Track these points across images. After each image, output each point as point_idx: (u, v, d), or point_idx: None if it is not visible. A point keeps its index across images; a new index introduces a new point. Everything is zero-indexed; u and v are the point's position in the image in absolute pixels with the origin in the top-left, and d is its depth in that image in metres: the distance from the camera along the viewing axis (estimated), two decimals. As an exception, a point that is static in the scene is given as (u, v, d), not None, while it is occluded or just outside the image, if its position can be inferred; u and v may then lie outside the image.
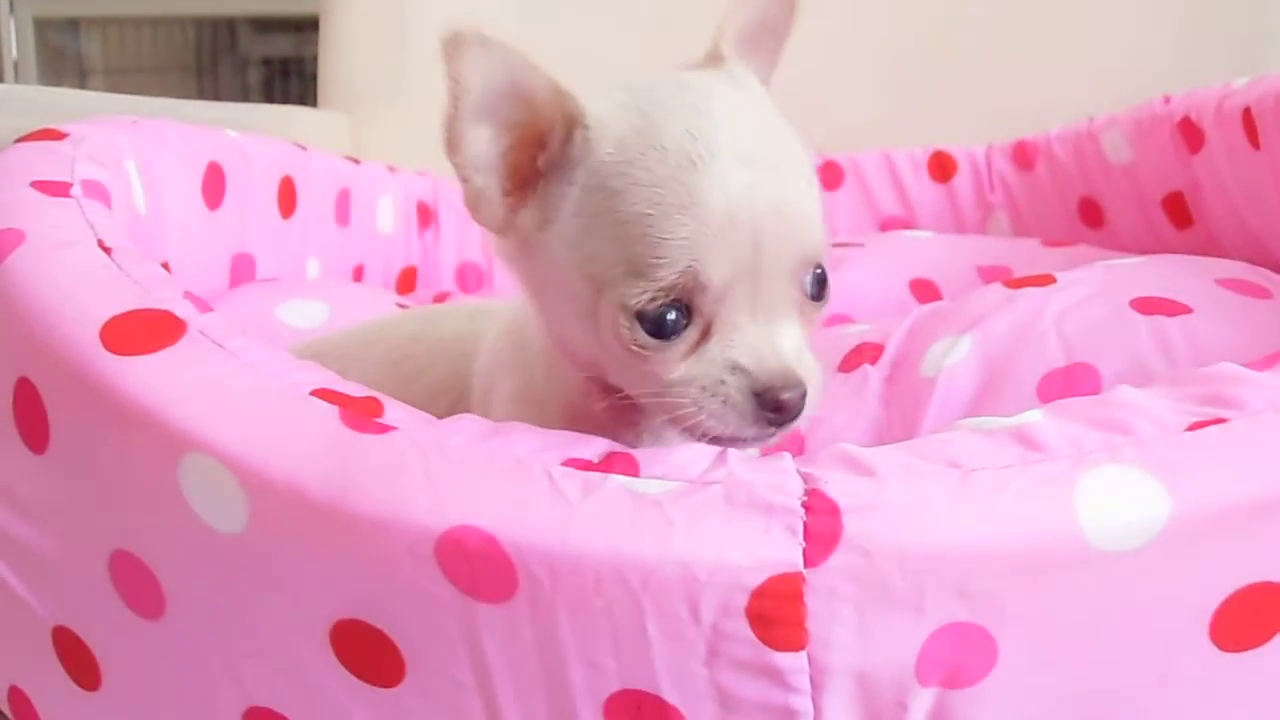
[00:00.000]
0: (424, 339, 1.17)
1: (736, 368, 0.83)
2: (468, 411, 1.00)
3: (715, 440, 0.84)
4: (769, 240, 0.82)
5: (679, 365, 0.84)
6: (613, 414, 0.94)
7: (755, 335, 0.84)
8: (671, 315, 0.83)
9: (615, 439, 0.87)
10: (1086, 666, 0.78)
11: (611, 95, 0.88)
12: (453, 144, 0.86)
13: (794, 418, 0.84)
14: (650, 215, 0.82)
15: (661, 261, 0.82)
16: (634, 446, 0.86)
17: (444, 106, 0.85)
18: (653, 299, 0.82)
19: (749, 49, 0.95)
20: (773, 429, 0.84)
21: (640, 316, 0.83)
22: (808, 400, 0.84)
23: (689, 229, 0.81)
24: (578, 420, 0.92)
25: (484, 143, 0.87)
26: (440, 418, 0.85)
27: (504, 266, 0.97)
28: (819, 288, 0.87)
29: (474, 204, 0.90)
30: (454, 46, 0.82)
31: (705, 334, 0.84)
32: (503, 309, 1.13)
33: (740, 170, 0.82)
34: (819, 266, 0.87)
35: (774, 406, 0.83)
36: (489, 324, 1.12)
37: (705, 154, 0.82)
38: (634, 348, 0.84)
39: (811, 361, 0.86)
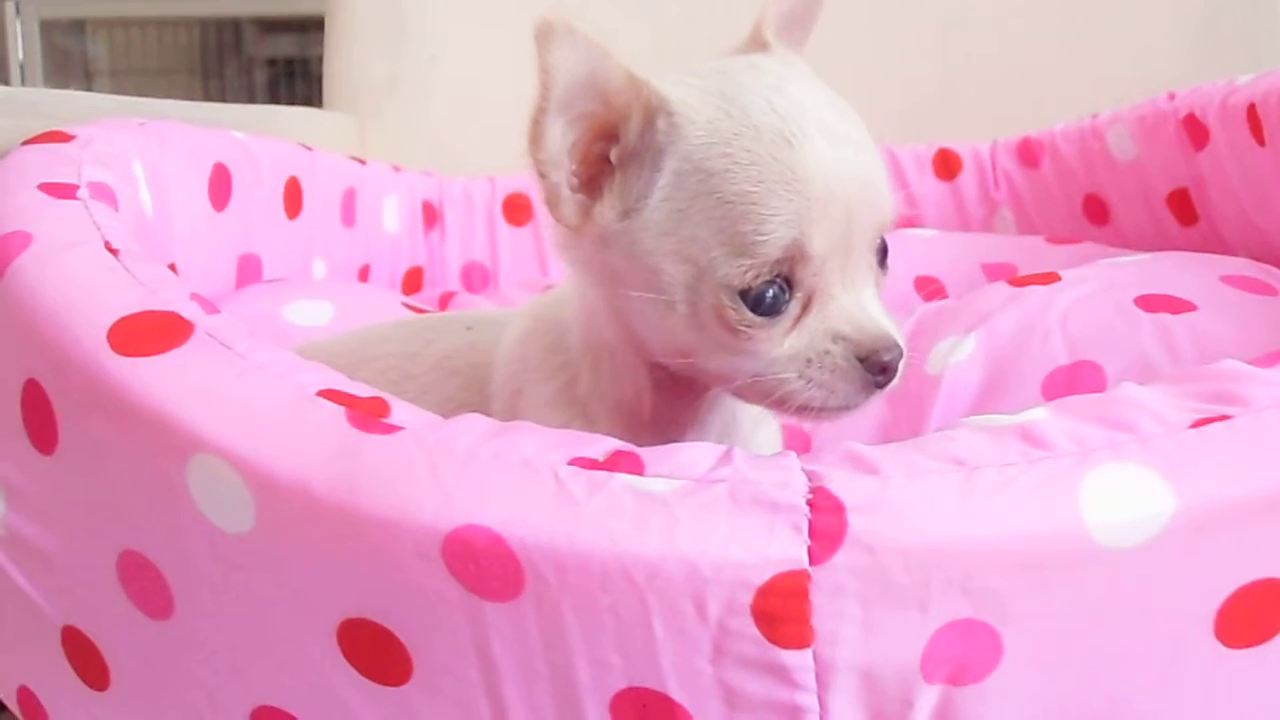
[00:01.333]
0: (423, 357, 1.16)
1: (839, 336, 0.86)
2: None
3: (818, 414, 0.87)
4: (858, 212, 0.85)
5: (782, 341, 0.86)
6: (662, 411, 0.95)
7: (848, 304, 0.86)
8: (773, 291, 0.85)
9: (661, 435, 0.88)
10: (1091, 663, 0.78)
11: (685, 81, 0.89)
12: (536, 139, 0.86)
13: (895, 377, 0.87)
14: (755, 193, 0.84)
15: (767, 238, 0.83)
16: (679, 441, 0.86)
17: (534, 100, 0.84)
18: (757, 275, 0.84)
19: (782, 38, 0.97)
20: (877, 391, 0.87)
21: (744, 294, 0.85)
22: (903, 360, 0.87)
23: (794, 204, 0.83)
24: (626, 419, 0.94)
25: (569, 140, 0.87)
26: None
27: (570, 264, 0.98)
28: (883, 256, 0.91)
29: (554, 201, 0.89)
30: (546, 37, 0.81)
31: (806, 307, 0.86)
32: (504, 316, 1.14)
33: (830, 147, 0.85)
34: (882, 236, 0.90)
35: (880, 369, 0.85)
36: (491, 334, 1.11)
37: (797, 132, 0.84)
38: (741, 328, 0.86)
39: (894, 321, 0.89)
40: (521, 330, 1.06)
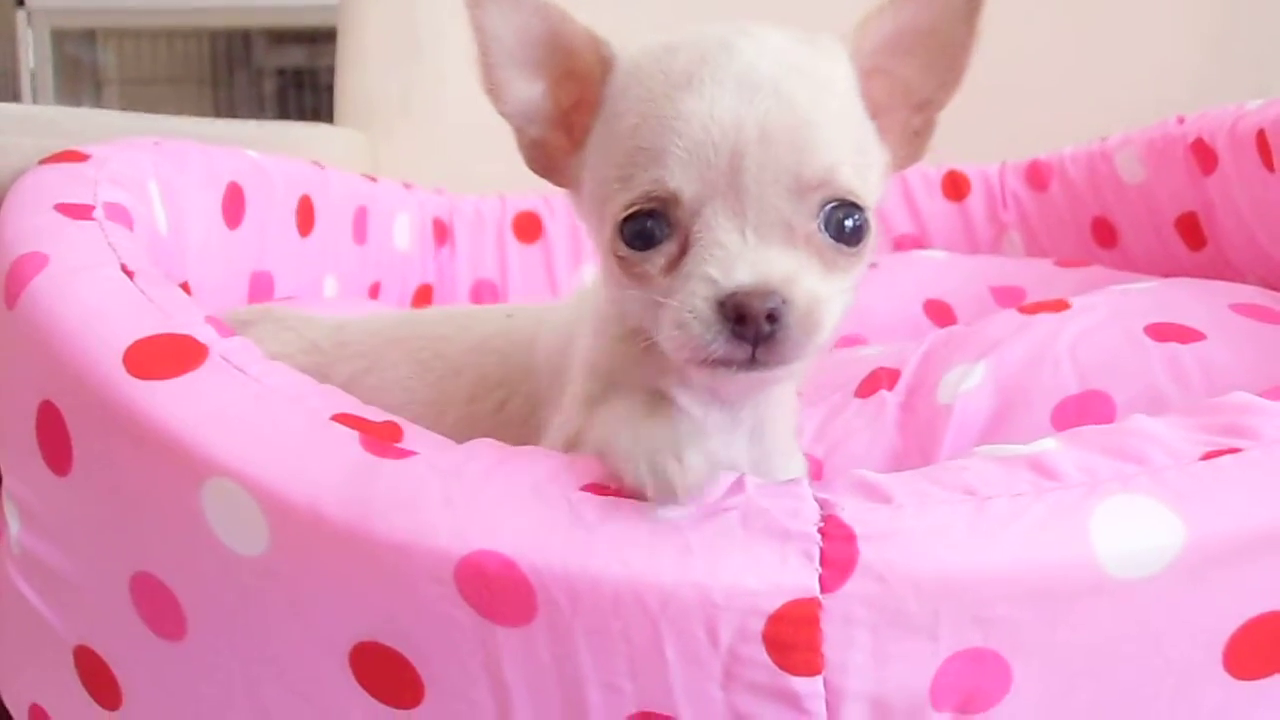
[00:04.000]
0: (456, 340, 1.17)
1: (706, 278, 0.80)
2: (526, 405, 1.01)
3: (704, 367, 0.82)
4: (751, 162, 0.80)
5: (661, 280, 0.83)
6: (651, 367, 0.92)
7: (734, 252, 0.81)
8: (648, 224, 0.83)
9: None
10: (1101, 693, 0.78)
11: (654, 39, 0.90)
12: (494, 93, 0.91)
13: (767, 333, 0.79)
14: (639, 127, 0.84)
15: (636, 172, 0.83)
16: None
17: (475, 56, 0.89)
18: (629, 205, 0.83)
19: (910, 55, 0.92)
20: (745, 345, 0.80)
21: (622, 226, 0.84)
22: (796, 322, 0.80)
23: (664, 140, 0.82)
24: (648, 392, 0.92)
25: (532, 93, 0.91)
26: (488, 416, 0.86)
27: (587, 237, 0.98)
28: (841, 230, 0.84)
29: (526, 154, 0.94)
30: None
31: (684, 250, 0.83)
32: (547, 307, 1.15)
33: (736, 94, 0.82)
34: (843, 204, 0.84)
35: (736, 316, 0.79)
36: (532, 318, 1.13)
37: (706, 77, 0.83)
38: (619, 257, 0.85)
39: (814, 291, 0.81)
40: (572, 312, 1.06)
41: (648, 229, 0.83)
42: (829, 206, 0.83)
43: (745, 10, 0.96)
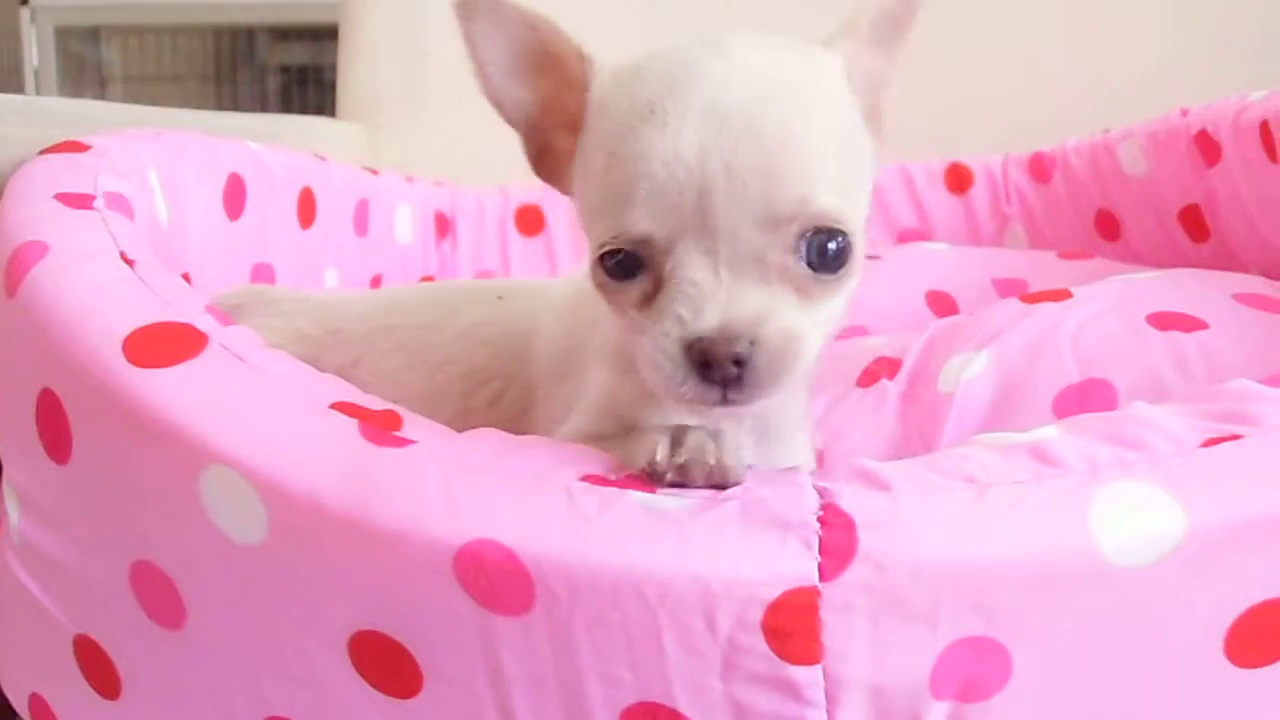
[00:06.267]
0: (444, 326, 1.16)
1: (677, 318, 0.79)
2: (523, 397, 1.01)
3: (680, 401, 0.81)
4: (719, 197, 0.78)
5: (637, 315, 0.83)
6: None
7: (709, 290, 0.79)
8: (624, 255, 0.82)
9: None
10: (1101, 681, 0.78)
11: (628, 59, 0.89)
12: (496, 103, 0.92)
13: (733, 377, 0.78)
14: (608, 167, 0.83)
15: (609, 211, 0.82)
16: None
17: (472, 68, 0.90)
18: (603, 244, 0.83)
19: (877, 41, 0.92)
20: (715, 389, 0.79)
21: (602, 260, 0.84)
22: (765, 362, 0.79)
23: (630, 184, 0.80)
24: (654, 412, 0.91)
25: (529, 99, 0.92)
26: (483, 410, 0.86)
27: None
28: (823, 256, 0.82)
29: (533, 160, 0.95)
30: (465, 10, 0.87)
31: (657, 286, 0.82)
32: (539, 285, 1.14)
33: (701, 126, 0.79)
34: (822, 232, 0.81)
35: (701, 361, 0.78)
36: (527, 303, 1.12)
37: (670, 108, 0.80)
38: (597, 283, 0.85)
39: (787, 328, 0.80)
40: (573, 291, 1.05)
41: (625, 261, 0.83)
42: (808, 234, 0.81)
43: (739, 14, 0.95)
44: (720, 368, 0.78)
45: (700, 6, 1.91)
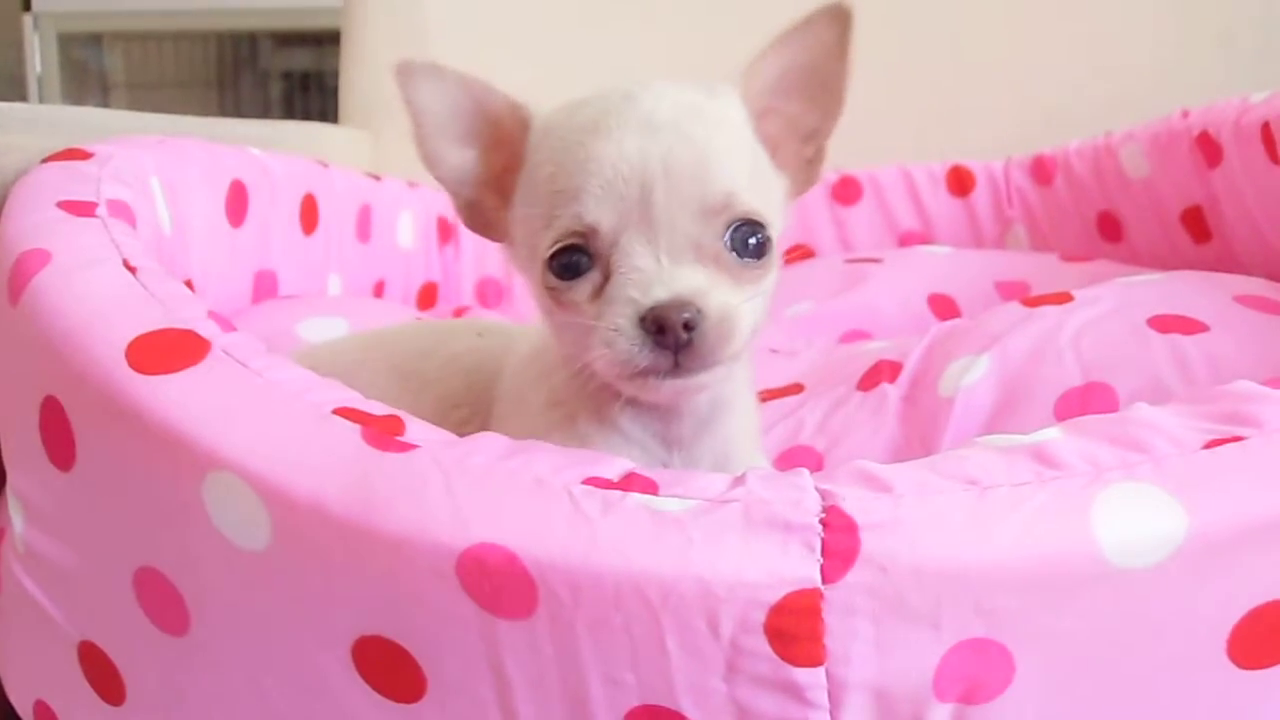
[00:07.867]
0: (433, 354, 1.21)
1: (627, 299, 0.87)
2: (483, 426, 1.02)
3: (633, 378, 0.88)
4: (659, 193, 0.87)
5: (589, 307, 0.90)
6: (639, 427, 0.99)
7: (649, 273, 0.88)
8: (573, 257, 0.90)
9: (639, 434, 0.96)
10: (1104, 682, 0.78)
11: (564, 101, 0.96)
12: (430, 162, 1.00)
13: (685, 340, 0.86)
14: (555, 173, 0.91)
15: (561, 212, 0.90)
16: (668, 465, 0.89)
17: (410, 130, 0.99)
18: (555, 242, 0.90)
19: (794, 93, 0.98)
20: (668, 354, 0.87)
21: (550, 263, 0.91)
22: (711, 329, 0.86)
23: (579, 180, 0.89)
24: (603, 422, 0.98)
25: (465, 161, 1.00)
26: (453, 431, 0.87)
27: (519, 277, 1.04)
28: (746, 246, 0.91)
29: (462, 214, 1.03)
30: (405, 75, 0.97)
31: (607, 277, 0.89)
32: (517, 329, 1.20)
33: (640, 135, 0.89)
34: (746, 224, 0.90)
35: (656, 327, 0.86)
36: (500, 342, 1.18)
37: (612, 124, 0.90)
38: (549, 289, 0.92)
39: (725, 302, 0.88)
40: (530, 347, 1.10)
41: (573, 261, 0.90)
42: (734, 226, 0.90)
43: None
44: (673, 332, 0.86)
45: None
